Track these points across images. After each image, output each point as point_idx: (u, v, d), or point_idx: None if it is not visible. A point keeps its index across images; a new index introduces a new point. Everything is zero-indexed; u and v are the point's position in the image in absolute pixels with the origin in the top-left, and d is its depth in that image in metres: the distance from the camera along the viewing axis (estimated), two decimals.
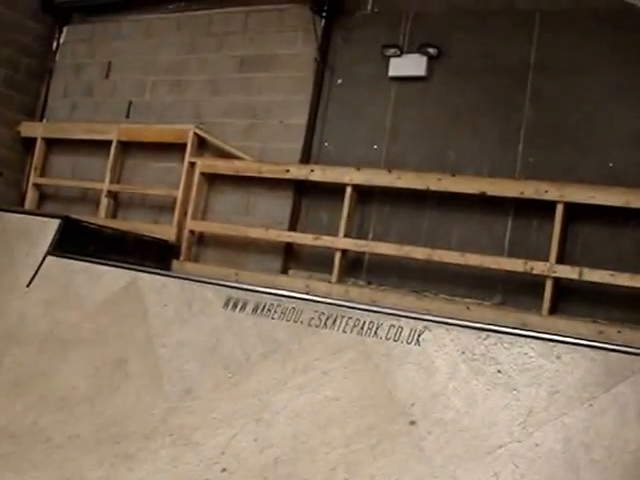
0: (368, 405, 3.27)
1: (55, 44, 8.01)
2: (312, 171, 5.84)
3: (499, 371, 3.20)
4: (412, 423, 3.14)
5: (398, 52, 5.83)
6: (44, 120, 7.95)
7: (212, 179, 6.50)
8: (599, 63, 5.12)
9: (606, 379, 2.99)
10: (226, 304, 4.02)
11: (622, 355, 3.05)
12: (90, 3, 7.74)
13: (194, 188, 6.34)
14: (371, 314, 3.62)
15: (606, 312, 4.70)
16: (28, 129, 7.75)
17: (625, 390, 2.93)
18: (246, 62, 6.67)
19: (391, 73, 5.87)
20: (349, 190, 5.59)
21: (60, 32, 8.00)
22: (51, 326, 4.40)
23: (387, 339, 3.49)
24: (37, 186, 7.62)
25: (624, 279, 4.49)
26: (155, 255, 5.95)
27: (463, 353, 3.30)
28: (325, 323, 3.68)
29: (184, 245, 6.26)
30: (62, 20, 8.00)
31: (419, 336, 3.44)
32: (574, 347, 3.16)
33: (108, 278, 4.58)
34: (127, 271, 4.60)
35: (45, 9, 7.84)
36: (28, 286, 4.76)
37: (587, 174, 4.99)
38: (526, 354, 3.21)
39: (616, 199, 4.64)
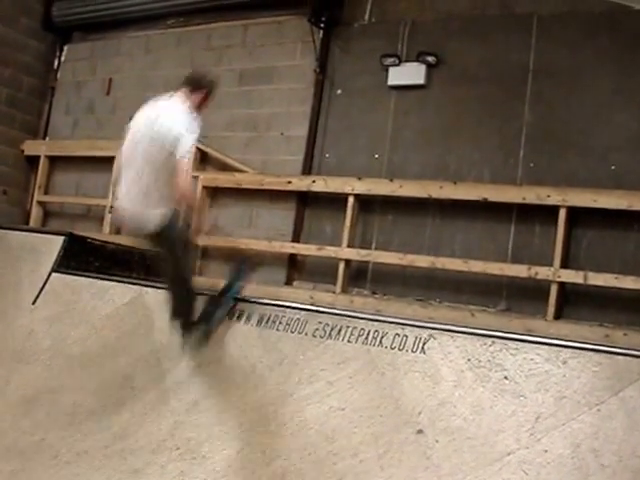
0: (374, 415, 3.27)
1: (56, 62, 8.07)
2: (314, 182, 5.85)
3: (505, 377, 3.19)
4: (419, 432, 3.13)
5: (397, 61, 5.85)
6: (47, 138, 8.01)
7: (214, 192, 6.51)
8: (598, 66, 5.13)
9: (613, 383, 2.98)
10: (231, 316, 4.03)
11: (629, 358, 3.05)
12: (90, 21, 7.81)
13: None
14: (376, 323, 3.62)
15: (612, 315, 4.67)
16: (31, 147, 7.80)
17: (633, 393, 2.92)
18: (246, 75, 6.70)
19: (390, 82, 5.89)
20: (351, 200, 5.60)
21: (61, 50, 8.08)
22: (57, 342, 4.42)
23: (392, 348, 3.49)
24: (41, 204, 7.65)
25: (629, 282, 4.48)
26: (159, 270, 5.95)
27: (469, 360, 3.30)
28: (330, 334, 3.68)
29: None
30: (63, 39, 8.08)
31: (424, 344, 3.43)
32: (580, 352, 3.15)
33: (113, 293, 4.60)
34: (132, 286, 4.63)
35: (46, 28, 7.92)
36: (34, 303, 4.78)
37: (589, 178, 4.98)
38: (532, 360, 3.20)
39: (619, 202, 4.62)
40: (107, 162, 7.08)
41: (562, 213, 4.80)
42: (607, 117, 5.02)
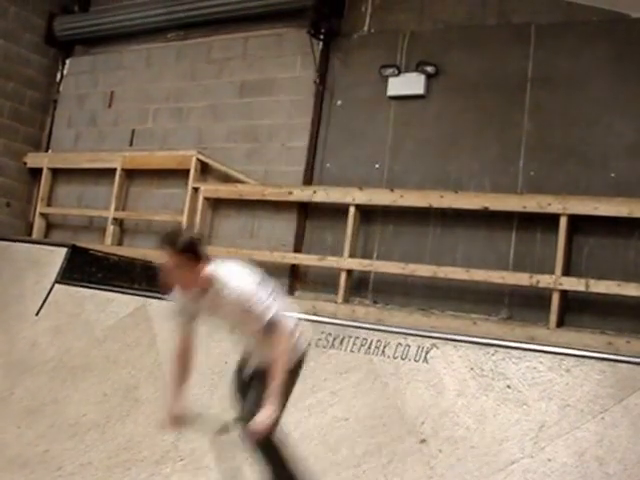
0: (378, 424, 3.26)
1: (59, 76, 8.12)
2: (315, 192, 5.86)
3: (508, 386, 3.19)
4: (422, 441, 3.13)
5: (396, 72, 5.88)
6: (49, 151, 8.04)
7: (216, 204, 6.53)
8: (596, 74, 5.15)
9: (617, 391, 2.98)
10: None
11: (632, 366, 3.05)
12: (91, 35, 7.87)
13: (198, 213, 6.37)
14: (378, 333, 3.62)
15: (614, 323, 4.67)
16: (34, 160, 7.83)
17: (637, 401, 2.91)
18: (246, 87, 6.74)
19: (390, 93, 5.92)
20: (352, 210, 5.61)
21: (63, 64, 8.13)
22: (61, 354, 4.42)
23: (395, 357, 3.49)
24: (44, 216, 7.67)
25: (631, 289, 4.47)
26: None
27: (471, 369, 3.30)
28: (332, 343, 3.68)
29: None
30: (65, 52, 8.13)
31: (427, 353, 3.43)
32: (583, 360, 3.15)
33: (116, 304, 4.60)
34: (135, 297, 4.63)
35: (48, 42, 7.98)
36: (37, 314, 4.79)
37: (589, 186, 4.99)
38: (535, 368, 3.20)
39: (619, 209, 4.63)
40: (109, 174, 7.13)
41: (563, 221, 4.80)
42: (606, 125, 5.04)
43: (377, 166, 5.91)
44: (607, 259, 4.86)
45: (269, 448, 2.69)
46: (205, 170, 6.55)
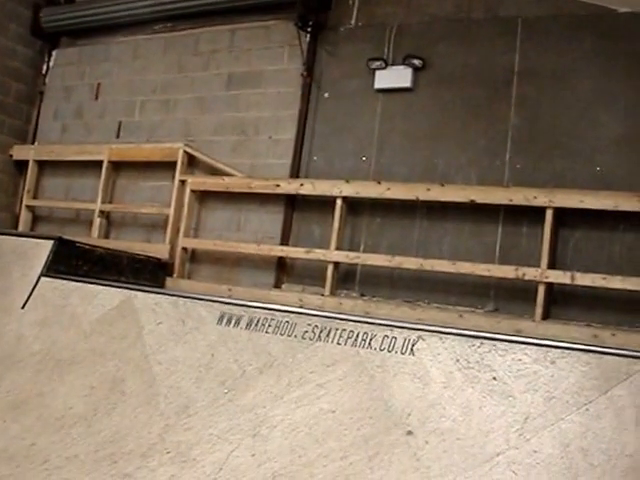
0: (364, 416, 3.27)
1: (45, 68, 8.07)
2: (302, 185, 5.87)
3: (494, 378, 3.20)
4: (409, 433, 3.14)
5: (383, 65, 5.89)
6: (36, 143, 7.99)
7: (203, 196, 6.52)
8: (583, 68, 5.19)
9: (602, 383, 3.00)
10: (220, 320, 4.03)
11: (617, 358, 3.07)
12: (78, 26, 7.81)
13: (185, 206, 6.36)
14: (365, 325, 3.62)
15: (599, 315, 4.72)
16: (20, 152, 7.78)
17: (621, 393, 2.94)
18: (233, 79, 6.72)
19: (377, 85, 5.93)
20: (339, 203, 5.62)
21: (49, 56, 8.07)
22: (47, 347, 4.40)
23: (381, 350, 3.50)
24: (30, 208, 7.63)
25: (616, 282, 4.52)
26: (148, 273, 5.96)
27: (457, 361, 3.31)
28: (319, 336, 3.68)
29: (177, 262, 6.26)
30: (51, 44, 8.08)
31: (413, 346, 3.45)
32: (568, 352, 3.17)
33: (102, 297, 4.57)
34: (121, 290, 4.61)
35: (34, 34, 7.91)
36: (23, 307, 4.75)
37: (575, 179, 5.04)
38: (520, 360, 3.21)
39: (605, 203, 4.67)
40: (96, 166, 7.10)
41: (549, 214, 4.84)
42: (592, 119, 5.08)
43: (364, 159, 5.92)
44: (593, 252, 4.91)
45: None
46: (192, 163, 6.54)
